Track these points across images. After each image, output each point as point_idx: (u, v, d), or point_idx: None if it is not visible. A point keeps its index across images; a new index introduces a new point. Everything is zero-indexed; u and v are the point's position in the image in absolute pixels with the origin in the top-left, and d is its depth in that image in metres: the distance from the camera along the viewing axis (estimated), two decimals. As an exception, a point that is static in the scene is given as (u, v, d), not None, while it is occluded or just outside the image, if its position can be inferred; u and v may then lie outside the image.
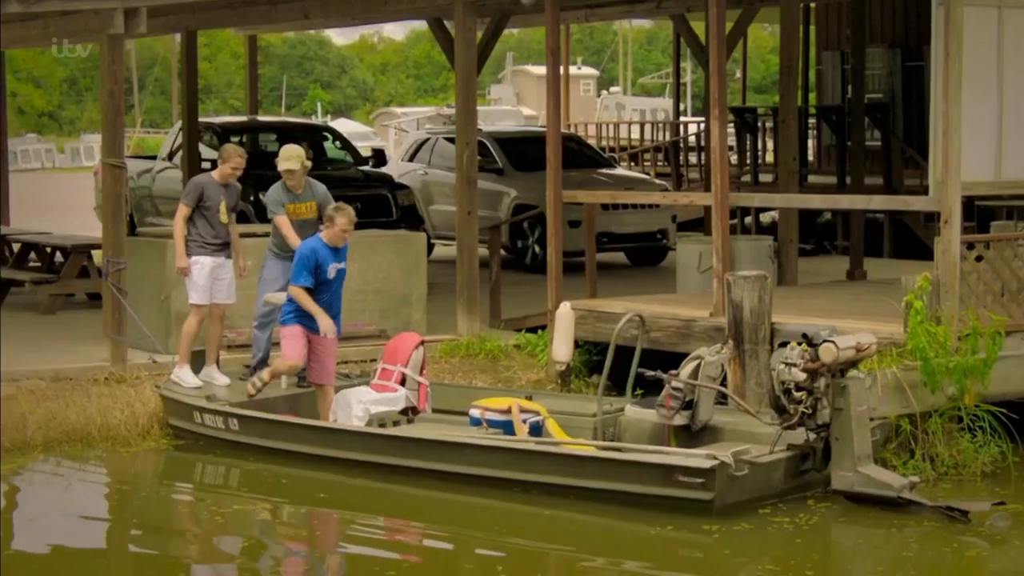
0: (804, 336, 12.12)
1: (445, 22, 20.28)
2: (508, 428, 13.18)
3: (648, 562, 11.17)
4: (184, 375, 14.76)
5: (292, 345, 13.98)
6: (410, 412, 14.19)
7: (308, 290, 13.80)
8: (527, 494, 12.44)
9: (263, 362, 14.94)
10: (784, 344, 12.27)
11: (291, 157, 14.96)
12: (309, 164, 15.24)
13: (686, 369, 12.95)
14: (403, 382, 14.24)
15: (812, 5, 29.13)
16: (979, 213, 21.28)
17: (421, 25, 38.47)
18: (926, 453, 13.08)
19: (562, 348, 15.03)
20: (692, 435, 13.02)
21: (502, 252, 20.17)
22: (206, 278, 14.86)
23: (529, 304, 18.23)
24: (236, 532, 12.31)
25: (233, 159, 14.99)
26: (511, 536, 11.85)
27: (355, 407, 14.04)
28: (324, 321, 13.80)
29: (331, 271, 13.87)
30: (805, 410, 12.10)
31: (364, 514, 12.61)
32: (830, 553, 11.65)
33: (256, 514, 12.74)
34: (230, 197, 15.02)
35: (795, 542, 11.41)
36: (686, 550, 11.44)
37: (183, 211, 14.89)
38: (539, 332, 16.83)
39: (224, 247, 15.00)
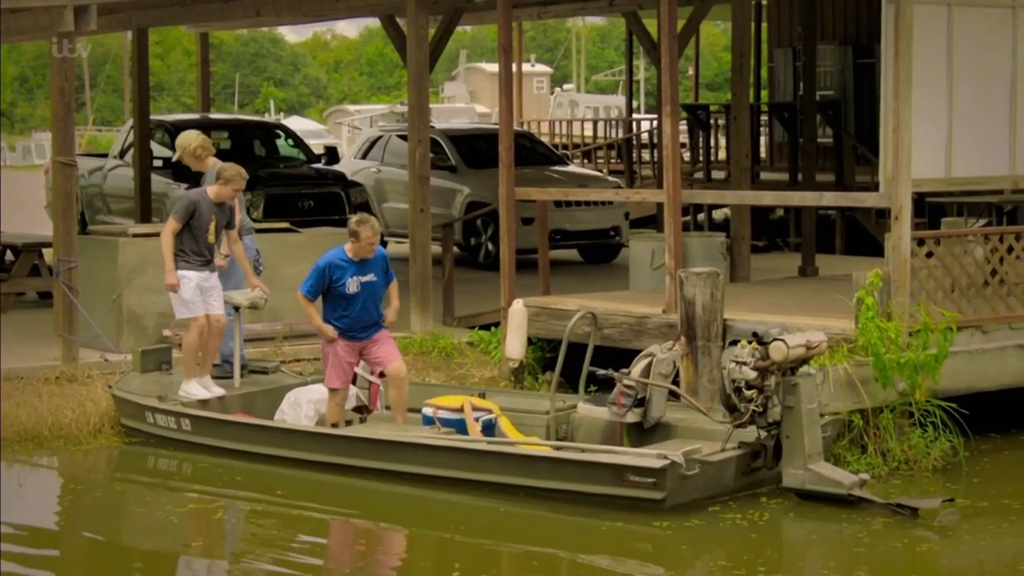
0: (754, 334, 12.15)
1: (397, 19, 20.29)
2: (461, 427, 13.17)
3: (603, 556, 11.17)
4: (191, 388, 14.48)
5: (331, 372, 13.71)
6: (363, 411, 14.17)
7: (329, 302, 13.62)
8: (480, 491, 12.44)
9: (226, 360, 15.01)
10: (734, 342, 12.29)
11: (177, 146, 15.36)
12: (189, 145, 15.26)
13: (637, 367, 12.96)
14: (355, 380, 14.21)
15: (764, 2, 29.25)
16: (930, 209, 21.40)
17: (374, 22, 38.41)
18: (878, 448, 13.14)
19: (515, 345, 15.03)
20: (644, 432, 13.04)
21: (455, 249, 20.16)
22: (193, 291, 14.42)
23: (482, 301, 18.24)
24: (191, 531, 12.25)
25: (236, 181, 14.55)
26: (467, 533, 11.84)
27: (304, 406, 14.03)
28: (325, 332, 13.59)
29: (351, 285, 13.49)
30: (756, 408, 12.12)
31: (319, 513, 12.58)
32: (782, 548, 11.68)
33: (211, 513, 12.70)
34: (222, 215, 14.61)
35: (749, 537, 11.44)
36: (640, 544, 11.46)
37: (173, 226, 14.41)
38: (492, 329, 16.83)
39: (208, 263, 14.57)
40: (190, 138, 15.35)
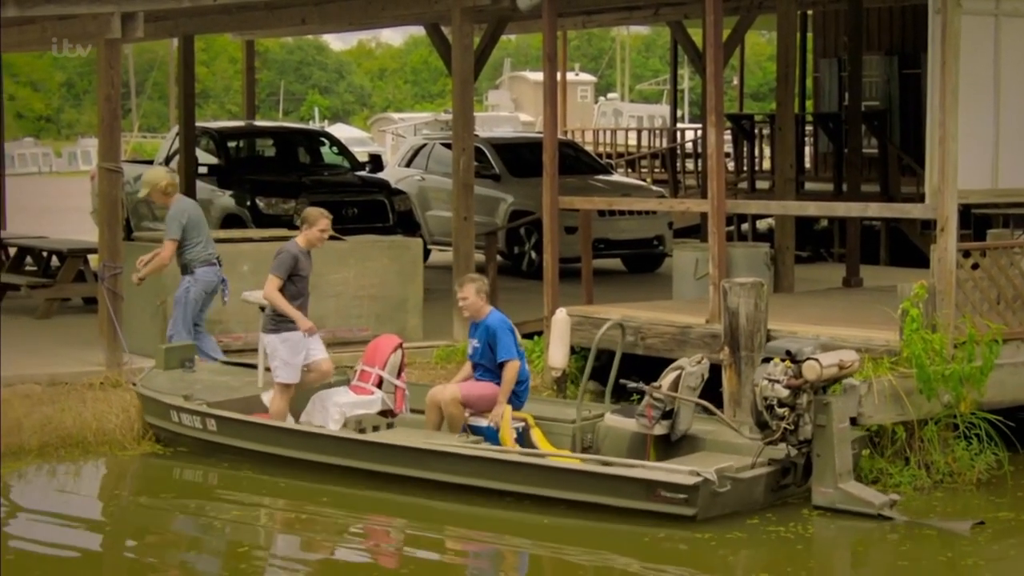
0: (788, 352, 12.11)
1: (442, 28, 20.31)
2: (489, 434, 13.16)
3: (645, 562, 11.13)
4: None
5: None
6: (389, 414, 14.12)
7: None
8: (515, 503, 12.38)
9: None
10: (768, 360, 12.25)
11: (144, 183, 15.79)
12: (160, 182, 15.57)
13: (667, 379, 12.92)
14: (380, 384, 14.19)
15: (810, 13, 29.16)
16: (976, 221, 21.29)
17: (419, 31, 38.48)
18: (921, 461, 13.07)
19: (558, 354, 15.01)
20: (671, 445, 12.99)
21: (498, 258, 20.17)
22: (297, 355, 13.95)
23: (525, 310, 18.21)
24: (233, 538, 12.27)
25: (320, 221, 14.13)
26: (508, 537, 11.83)
27: (331, 409, 13.94)
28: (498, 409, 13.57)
29: (471, 344, 13.90)
30: (787, 426, 12.08)
31: (362, 518, 12.58)
32: (825, 561, 11.64)
33: (255, 520, 12.71)
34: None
35: (795, 549, 11.39)
36: (679, 552, 11.40)
37: (276, 283, 13.85)
38: (535, 338, 16.81)
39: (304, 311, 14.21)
40: (159, 175, 15.79)
